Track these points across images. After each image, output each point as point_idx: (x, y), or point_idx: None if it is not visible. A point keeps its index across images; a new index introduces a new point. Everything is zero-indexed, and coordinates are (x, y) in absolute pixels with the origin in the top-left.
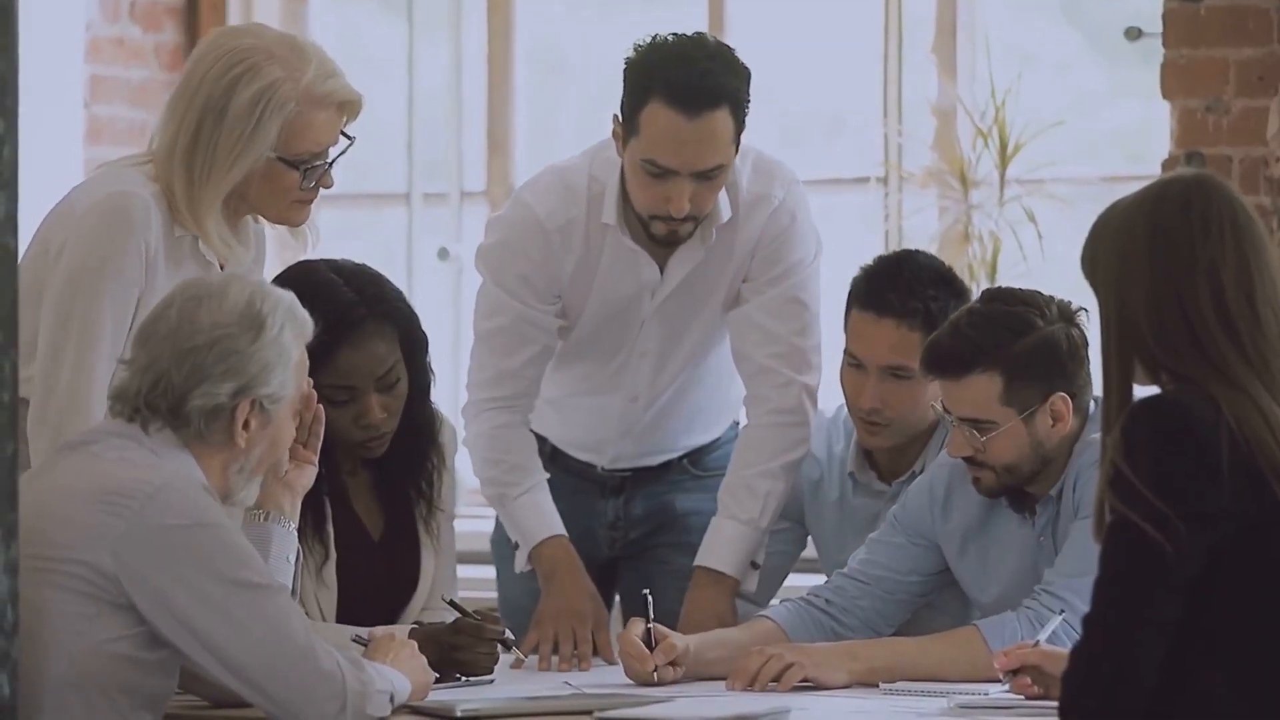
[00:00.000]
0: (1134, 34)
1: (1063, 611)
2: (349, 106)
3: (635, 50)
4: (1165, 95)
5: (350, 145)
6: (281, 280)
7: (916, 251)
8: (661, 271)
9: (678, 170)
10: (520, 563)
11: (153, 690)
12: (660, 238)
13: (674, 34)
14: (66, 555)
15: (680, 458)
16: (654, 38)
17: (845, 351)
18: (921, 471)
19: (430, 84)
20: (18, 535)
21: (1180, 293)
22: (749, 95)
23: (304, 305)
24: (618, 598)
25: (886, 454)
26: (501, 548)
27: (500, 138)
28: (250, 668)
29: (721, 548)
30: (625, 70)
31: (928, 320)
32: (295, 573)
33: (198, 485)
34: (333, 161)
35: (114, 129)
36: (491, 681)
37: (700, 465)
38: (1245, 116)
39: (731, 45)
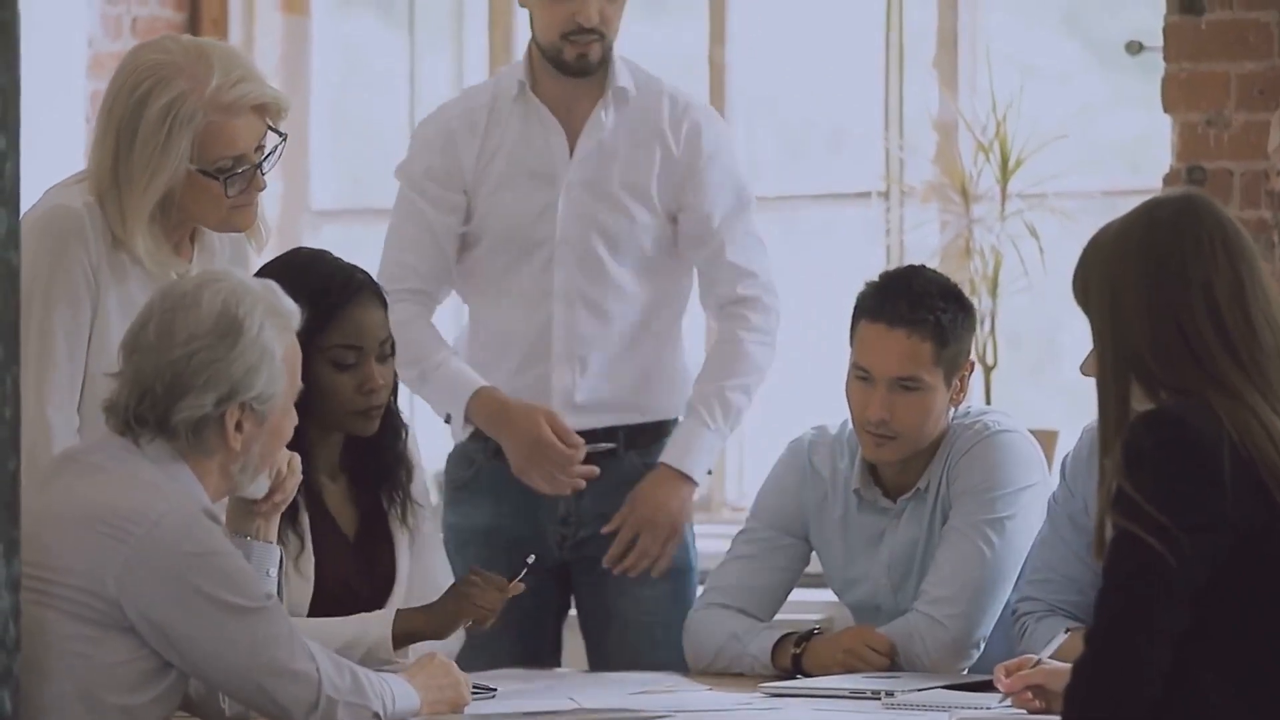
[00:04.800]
0: (1135, 48)
1: (1068, 630)
2: (267, 108)
3: None
4: (1166, 109)
5: (282, 142)
6: (273, 266)
7: (922, 266)
8: (571, 149)
9: None
10: (458, 430)
11: (155, 714)
12: (573, 63)
13: None
14: (69, 580)
15: (629, 449)
16: None
17: (853, 365)
18: (926, 489)
19: (432, 98)
20: (19, 552)
21: (1177, 312)
22: None
23: (303, 276)
24: (574, 609)
25: (892, 470)
26: (447, 542)
27: None
28: (233, 686)
29: (693, 452)
30: None
31: (937, 331)
32: (280, 582)
33: (199, 510)
34: (262, 163)
35: None
36: (493, 695)
37: (651, 461)
38: (1246, 130)
39: (726, 61)
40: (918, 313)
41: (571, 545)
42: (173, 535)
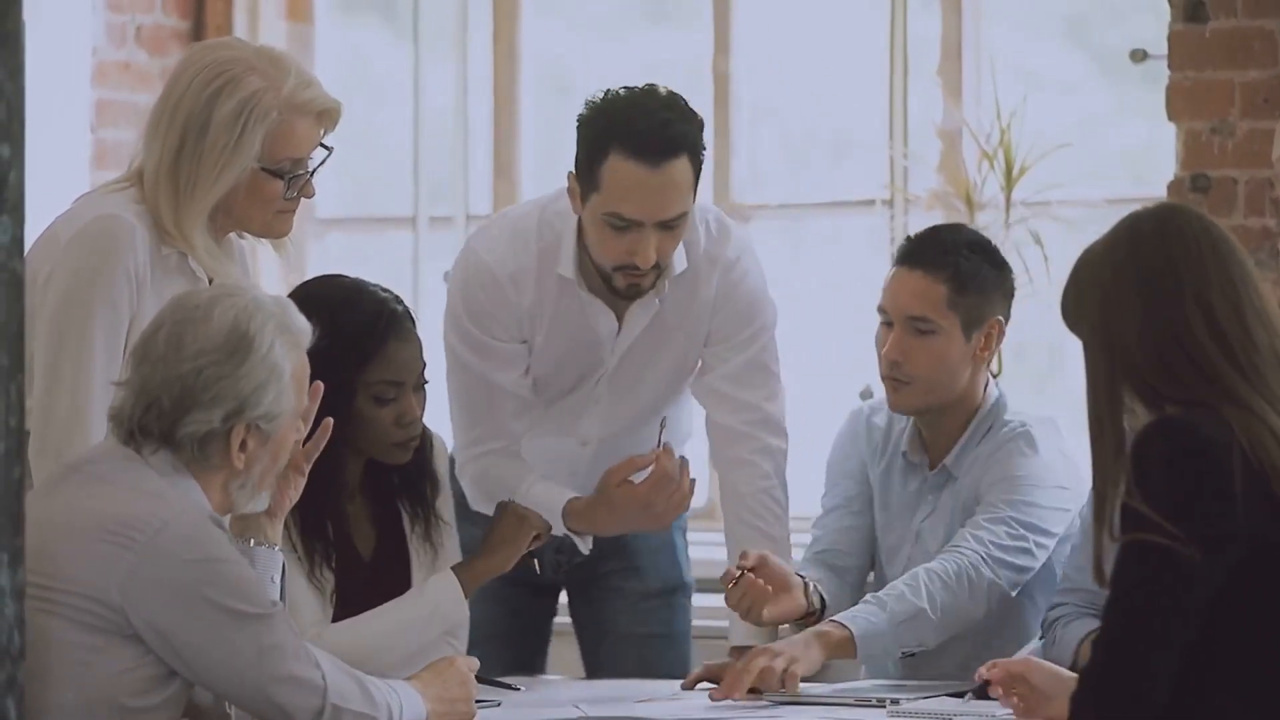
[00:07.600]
0: (1139, 56)
1: (1042, 638)
2: (327, 115)
3: (588, 106)
4: (1171, 117)
5: (329, 156)
6: (310, 289)
7: (962, 225)
8: (619, 324)
9: (642, 221)
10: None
11: None
12: (623, 291)
13: (625, 87)
14: (73, 589)
15: None
16: (606, 92)
17: (877, 309)
18: (951, 465)
19: (436, 107)
20: (23, 560)
21: (1174, 325)
22: (704, 143)
23: (348, 310)
24: (569, 618)
25: (928, 437)
26: None
27: (506, 161)
28: (238, 693)
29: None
30: (580, 126)
31: (955, 278)
32: (281, 588)
33: (204, 517)
34: (314, 171)
35: (120, 154)
36: (498, 705)
37: None
38: (1251, 138)
39: (730, 70)
40: (938, 257)
41: (566, 571)
42: (177, 542)
